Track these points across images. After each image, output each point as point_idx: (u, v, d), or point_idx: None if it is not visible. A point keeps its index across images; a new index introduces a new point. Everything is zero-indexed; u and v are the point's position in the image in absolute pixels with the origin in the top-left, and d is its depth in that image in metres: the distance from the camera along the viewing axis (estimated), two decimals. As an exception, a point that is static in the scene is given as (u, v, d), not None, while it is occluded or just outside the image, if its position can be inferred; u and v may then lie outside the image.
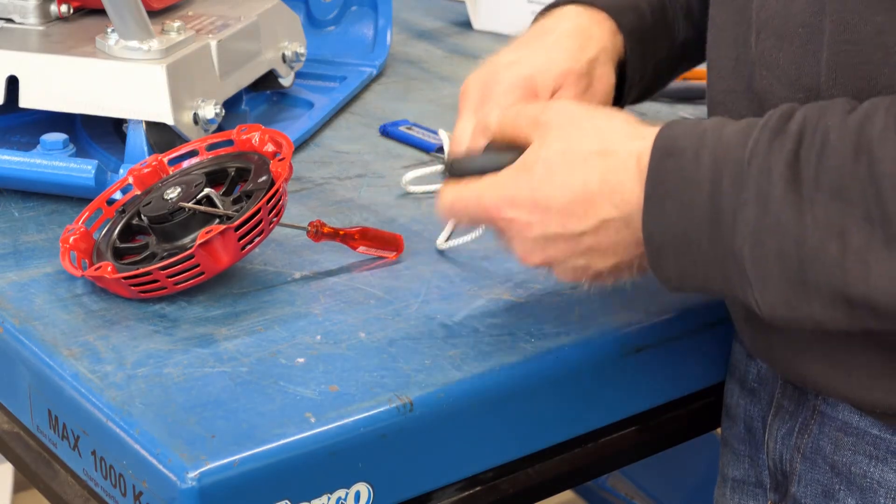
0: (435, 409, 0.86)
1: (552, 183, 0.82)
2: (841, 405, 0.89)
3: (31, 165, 1.08)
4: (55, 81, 1.11)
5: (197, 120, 1.12)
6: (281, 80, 1.32)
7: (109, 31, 1.11)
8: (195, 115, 1.12)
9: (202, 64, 1.16)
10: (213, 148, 1.05)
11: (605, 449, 0.99)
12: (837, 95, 0.79)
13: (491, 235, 1.04)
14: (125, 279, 0.94)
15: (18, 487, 2.30)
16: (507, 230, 0.86)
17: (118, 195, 1.05)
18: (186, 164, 1.05)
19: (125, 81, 1.10)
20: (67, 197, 1.10)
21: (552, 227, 0.83)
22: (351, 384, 0.86)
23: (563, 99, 0.95)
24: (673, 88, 1.37)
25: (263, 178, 0.97)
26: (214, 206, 0.97)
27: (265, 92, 1.35)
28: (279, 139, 1.02)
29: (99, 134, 1.18)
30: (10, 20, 1.20)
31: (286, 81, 1.33)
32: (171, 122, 1.09)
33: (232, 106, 1.28)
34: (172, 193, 0.98)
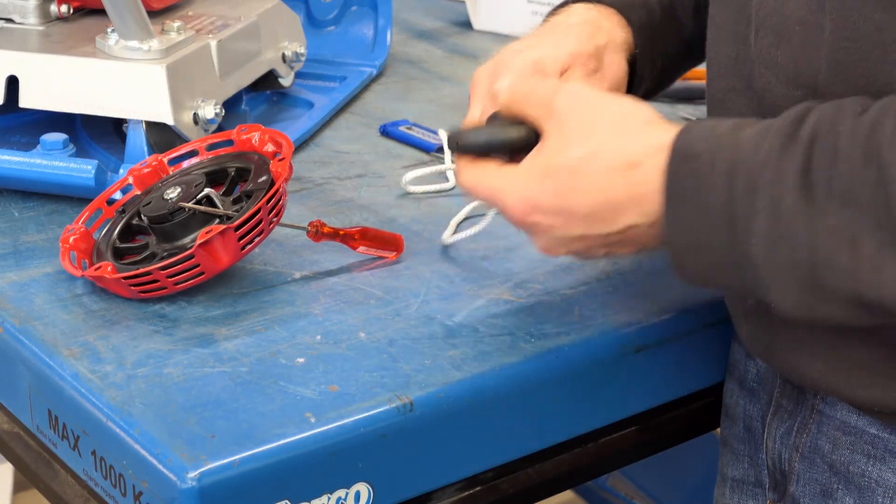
0: (435, 409, 0.86)
1: (577, 191, 0.82)
2: (839, 404, 0.90)
3: (31, 165, 1.08)
4: (55, 81, 1.11)
5: (197, 120, 1.12)
6: (281, 80, 1.32)
7: (109, 31, 1.11)
8: (195, 115, 1.12)
9: (202, 64, 1.16)
10: (213, 148, 1.05)
11: (605, 449, 0.99)
12: (837, 93, 0.79)
13: (491, 235, 1.04)
14: (125, 279, 0.94)
15: (18, 487, 2.30)
16: (529, 230, 0.86)
17: (118, 195, 1.05)
18: (186, 164, 1.05)
19: (125, 81, 1.09)
20: (67, 197, 1.10)
21: (577, 229, 0.83)
22: (351, 384, 0.86)
23: (573, 81, 0.95)
24: (673, 88, 1.36)
25: (263, 178, 0.97)
26: (214, 206, 0.97)
27: (265, 92, 1.35)
28: (279, 139, 1.02)
29: (99, 134, 1.18)
30: (10, 20, 1.19)
31: (286, 81, 1.33)
32: (171, 122, 1.09)
33: (232, 106, 1.28)
34: (172, 193, 0.98)
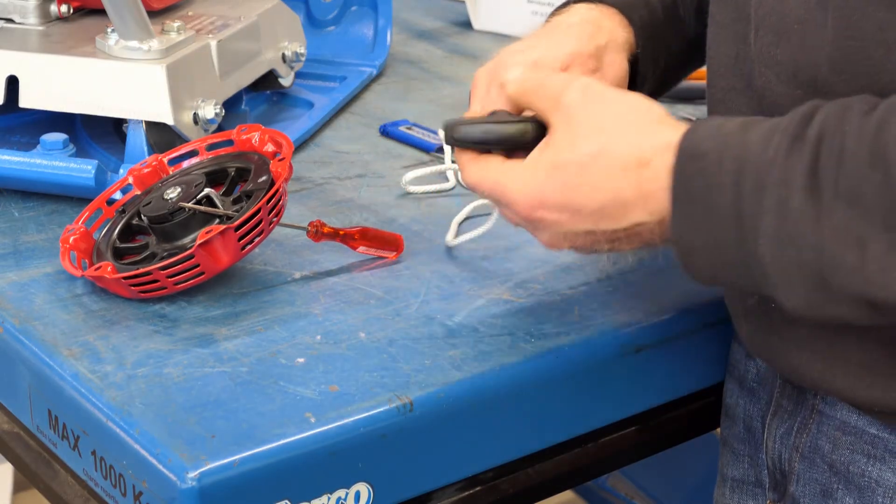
0: (435, 409, 0.86)
1: (586, 187, 0.82)
2: (839, 404, 0.90)
3: (31, 165, 1.08)
4: (55, 81, 1.11)
5: (197, 120, 1.12)
6: (281, 80, 1.32)
7: (109, 31, 1.11)
8: (195, 115, 1.12)
9: (202, 64, 1.16)
10: (213, 148, 1.05)
11: (605, 449, 0.99)
12: (838, 91, 0.79)
13: (492, 235, 1.04)
14: (125, 279, 0.94)
15: (18, 487, 2.30)
16: (534, 226, 0.86)
17: (118, 195, 1.05)
18: (186, 164, 1.05)
19: (125, 81, 1.10)
20: (67, 197, 1.10)
21: (584, 225, 0.83)
22: (351, 384, 0.86)
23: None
24: (673, 88, 1.37)
25: (263, 178, 0.97)
26: (214, 206, 0.97)
27: (265, 92, 1.35)
28: (279, 139, 1.02)
29: (99, 134, 1.18)
30: (10, 20, 1.20)
31: (286, 81, 1.33)
32: (171, 122, 1.09)
33: (232, 106, 1.28)
34: (172, 193, 0.98)
